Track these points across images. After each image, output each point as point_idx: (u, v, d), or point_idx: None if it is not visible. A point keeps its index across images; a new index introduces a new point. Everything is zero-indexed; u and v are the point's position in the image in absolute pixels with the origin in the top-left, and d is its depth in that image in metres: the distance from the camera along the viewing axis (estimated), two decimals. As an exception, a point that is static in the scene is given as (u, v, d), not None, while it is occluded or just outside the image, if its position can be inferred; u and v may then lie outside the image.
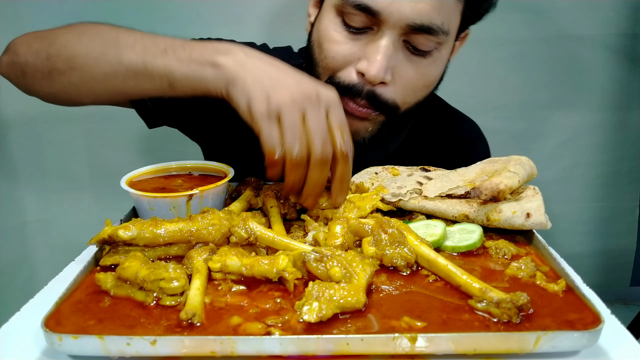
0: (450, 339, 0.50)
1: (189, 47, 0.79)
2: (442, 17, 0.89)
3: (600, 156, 2.02)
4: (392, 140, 1.14)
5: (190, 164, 0.93)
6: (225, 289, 0.61)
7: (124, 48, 0.82)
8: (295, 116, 0.70)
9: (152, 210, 0.77)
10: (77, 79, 0.87)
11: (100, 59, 0.84)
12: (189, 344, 0.50)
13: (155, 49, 0.80)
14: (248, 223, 0.67)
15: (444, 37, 0.91)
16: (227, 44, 0.79)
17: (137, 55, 0.81)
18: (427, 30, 0.88)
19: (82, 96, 0.91)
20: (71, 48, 0.86)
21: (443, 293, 0.60)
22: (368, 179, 0.93)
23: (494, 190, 0.73)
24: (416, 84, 0.95)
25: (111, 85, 0.85)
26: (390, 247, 0.65)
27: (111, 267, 0.65)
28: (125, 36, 0.84)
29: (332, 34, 0.93)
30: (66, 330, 0.52)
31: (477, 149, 1.22)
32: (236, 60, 0.75)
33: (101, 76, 0.84)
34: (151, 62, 0.80)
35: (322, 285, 0.55)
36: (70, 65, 0.86)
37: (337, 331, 0.52)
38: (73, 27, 0.91)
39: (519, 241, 0.74)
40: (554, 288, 0.60)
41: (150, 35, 0.84)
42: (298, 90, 0.71)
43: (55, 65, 0.87)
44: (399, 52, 0.91)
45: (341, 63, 0.93)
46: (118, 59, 0.82)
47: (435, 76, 0.99)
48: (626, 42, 1.85)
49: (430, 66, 0.95)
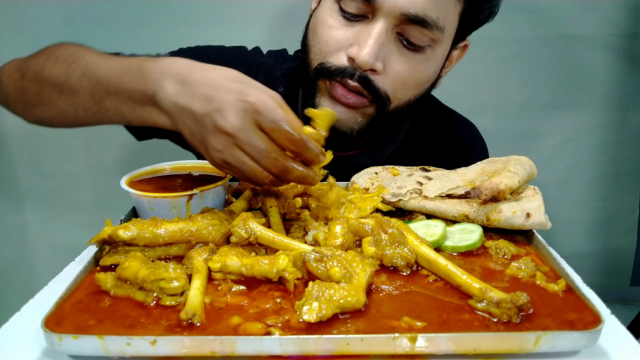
0: (450, 339, 0.50)
1: (123, 83, 0.77)
2: (438, 12, 0.89)
3: (600, 156, 2.02)
4: (386, 144, 1.13)
5: (190, 164, 0.93)
6: (225, 289, 0.61)
7: (75, 87, 0.83)
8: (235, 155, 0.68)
9: (152, 210, 0.77)
10: (48, 112, 0.90)
11: (60, 97, 0.86)
12: (189, 344, 0.50)
13: (99, 89, 0.81)
14: (248, 223, 0.67)
15: (438, 34, 0.91)
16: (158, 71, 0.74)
17: (86, 95, 0.82)
18: (421, 22, 0.88)
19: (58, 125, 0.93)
20: (38, 81, 0.88)
21: (443, 293, 0.60)
22: (368, 178, 0.93)
23: (494, 190, 0.73)
24: (407, 79, 0.95)
25: (77, 120, 0.87)
26: (390, 247, 0.65)
27: (111, 267, 0.65)
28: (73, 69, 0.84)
29: (327, 19, 0.94)
30: (66, 330, 0.52)
31: (474, 150, 1.21)
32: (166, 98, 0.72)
33: (66, 113, 0.87)
34: (102, 103, 0.81)
35: (322, 285, 0.55)
36: (39, 99, 0.89)
37: (337, 331, 0.52)
38: (39, 56, 0.92)
39: (519, 241, 0.74)
40: (554, 288, 0.60)
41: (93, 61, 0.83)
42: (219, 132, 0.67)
43: (28, 98, 0.90)
44: (392, 43, 0.91)
45: (333, 47, 0.93)
46: (74, 99, 0.84)
47: (427, 75, 0.98)
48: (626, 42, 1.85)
49: (423, 63, 0.95)
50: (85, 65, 0.83)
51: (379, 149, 1.12)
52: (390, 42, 0.91)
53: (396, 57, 0.93)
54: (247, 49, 1.18)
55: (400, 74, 0.94)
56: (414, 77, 0.96)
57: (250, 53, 1.17)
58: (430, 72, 0.99)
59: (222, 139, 0.67)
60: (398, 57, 0.93)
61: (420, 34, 0.90)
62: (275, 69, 1.14)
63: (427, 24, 0.89)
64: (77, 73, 0.83)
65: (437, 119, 1.21)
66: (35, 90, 0.89)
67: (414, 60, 0.94)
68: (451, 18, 0.93)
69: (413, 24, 0.89)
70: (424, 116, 1.18)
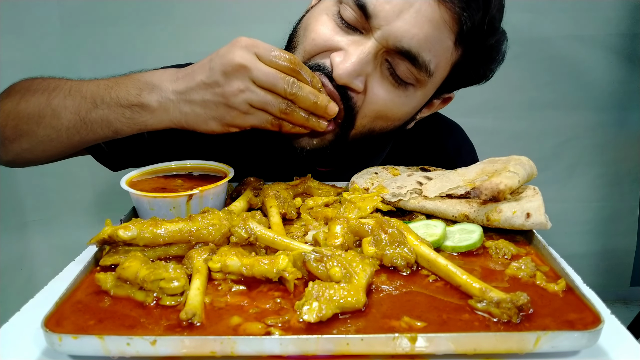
0: (450, 339, 0.50)
1: (114, 92, 0.83)
2: (432, 55, 0.85)
3: (600, 156, 2.02)
4: (372, 159, 1.10)
5: (190, 164, 0.93)
6: (225, 289, 0.61)
7: (57, 108, 0.86)
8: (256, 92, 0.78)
9: (152, 210, 0.77)
10: (27, 144, 0.91)
11: (40, 123, 0.88)
12: (189, 344, 0.50)
13: (85, 103, 0.85)
14: (248, 223, 0.67)
15: (425, 76, 0.88)
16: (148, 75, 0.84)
17: (70, 113, 0.86)
18: (412, 60, 0.85)
19: (37, 157, 0.96)
20: (14, 116, 0.90)
21: (443, 293, 0.60)
22: (368, 178, 0.93)
23: (494, 190, 0.73)
24: (381, 109, 0.91)
25: (59, 142, 0.90)
26: (390, 247, 0.65)
27: (111, 267, 0.65)
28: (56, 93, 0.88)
29: (322, 18, 0.90)
30: (66, 330, 0.52)
31: (462, 155, 1.19)
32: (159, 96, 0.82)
33: (47, 138, 0.89)
34: (87, 117, 0.85)
35: (322, 285, 0.55)
36: (17, 132, 0.90)
37: (337, 331, 0.52)
38: (11, 92, 0.95)
39: (519, 241, 0.74)
40: (554, 288, 0.60)
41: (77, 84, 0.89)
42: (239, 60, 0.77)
43: (4, 134, 0.92)
44: (377, 68, 0.87)
45: (320, 47, 0.89)
46: (57, 120, 0.87)
47: (401, 112, 0.94)
48: (626, 42, 1.85)
49: (401, 98, 0.90)
50: (69, 88, 0.88)
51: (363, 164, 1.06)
52: (376, 65, 0.87)
53: (376, 83, 0.89)
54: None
55: (375, 100, 0.89)
56: (389, 109, 0.92)
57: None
58: (405, 111, 0.95)
59: (239, 75, 0.77)
60: (379, 83, 0.89)
61: (407, 70, 0.87)
62: None
63: (417, 63, 0.85)
64: (60, 97, 0.87)
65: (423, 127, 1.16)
66: (12, 125, 0.91)
67: (393, 93, 0.90)
68: (443, 65, 0.90)
69: (403, 58, 0.85)
70: None
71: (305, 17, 0.97)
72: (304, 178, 0.95)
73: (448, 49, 0.87)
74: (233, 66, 0.76)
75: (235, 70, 0.76)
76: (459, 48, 0.89)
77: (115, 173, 1.12)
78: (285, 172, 0.98)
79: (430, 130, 1.18)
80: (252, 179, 0.93)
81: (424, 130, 1.17)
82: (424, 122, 1.18)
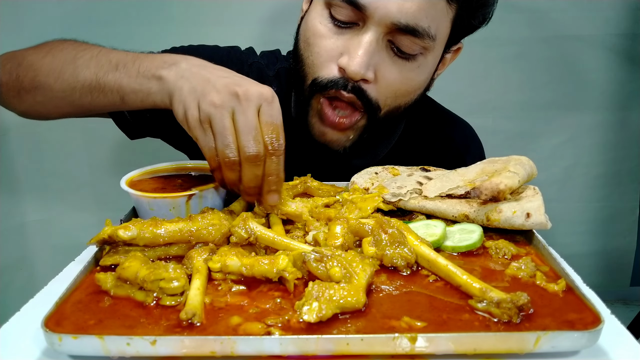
0: (450, 339, 0.50)
1: (138, 61, 0.82)
2: (430, 21, 0.88)
3: (600, 156, 2.02)
4: (381, 146, 1.13)
5: (190, 164, 0.93)
6: (225, 289, 0.61)
7: (80, 66, 0.86)
8: (223, 119, 0.70)
9: (151, 210, 0.77)
10: (41, 96, 0.92)
11: (59, 78, 0.88)
12: (189, 344, 0.50)
13: (108, 66, 0.84)
14: (248, 223, 0.67)
15: (429, 42, 0.90)
16: (175, 55, 0.81)
17: (90, 72, 0.85)
18: (412, 32, 0.87)
19: (49, 112, 0.96)
20: (35, 68, 0.91)
21: (443, 293, 0.60)
22: (368, 178, 0.93)
23: (494, 190, 0.73)
24: (399, 88, 0.95)
25: (71, 101, 0.89)
26: (390, 247, 0.65)
27: (111, 267, 0.65)
28: (83, 53, 0.88)
29: (318, 27, 0.93)
30: (66, 330, 0.52)
31: (471, 151, 1.20)
32: (178, 71, 0.77)
33: (61, 94, 0.89)
34: (103, 78, 0.84)
35: (322, 285, 0.55)
36: (34, 84, 0.91)
37: (337, 331, 0.52)
38: (40, 47, 0.95)
39: (519, 241, 0.74)
40: (554, 288, 0.60)
41: (107, 50, 0.88)
42: (226, 92, 0.71)
43: (22, 84, 0.92)
44: (382, 52, 0.91)
45: (324, 58, 0.93)
46: (74, 77, 0.87)
47: (419, 82, 0.98)
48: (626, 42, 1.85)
49: (414, 71, 0.94)
50: (98, 52, 0.87)
51: (373, 151, 1.12)
52: (381, 50, 0.90)
53: (387, 66, 0.92)
54: (241, 49, 1.18)
55: (391, 82, 0.93)
56: (405, 85, 0.95)
57: (243, 52, 1.17)
58: (422, 79, 0.98)
59: (227, 97, 0.71)
60: (389, 65, 0.92)
61: (411, 42, 0.89)
62: (268, 68, 1.14)
63: (419, 33, 0.88)
64: (87, 57, 0.87)
65: (432, 120, 1.20)
66: (30, 76, 0.91)
67: (406, 68, 0.93)
68: (443, 25, 0.92)
69: (404, 34, 0.88)
70: (420, 117, 1.17)
71: (302, 30, 0.99)
72: (304, 178, 0.95)
73: (443, 10, 0.90)
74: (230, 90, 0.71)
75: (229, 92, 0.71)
76: (452, 5, 0.91)
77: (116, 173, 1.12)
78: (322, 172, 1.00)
79: (440, 124, 1.21)
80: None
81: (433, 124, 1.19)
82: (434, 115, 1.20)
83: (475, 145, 1.23)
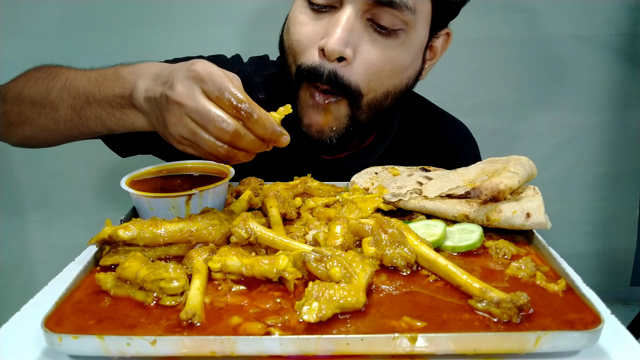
0: (450, 339, 0.50)
1: (102, 89, 0.83)
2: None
3: (600, 156, 2.02)
4: (375, 146, 1.12)
5: (190, 163, 0.93)
6: (225, 289, 0.61)
7: (55, 100, 0.87)
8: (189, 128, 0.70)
9: (151, 210, 0.77)
10: (30, 130, 0.93)
11: (41, 113, 0.89)
12: (189, 344, 0.50)
13: (79, 99, 0.85)
14: (248, 223, 0.67)
15: (409, 15, 0.89)
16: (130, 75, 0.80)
17: (67, 107, 0.87)
18: (389, 4, 0.87)
19: (40, 144, 0.98)
20: (19, 102, 0.92)
21: (443, 293, 0.60)
22: (368, 179, 0.93)
23: (494, 190, 0.73)
24: (381, 68, 0.93)
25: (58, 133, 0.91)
26: (390, 247, 0.65)
27: (111, 267, 0.65)
28: (54, 83, 0.89)
29: (298, 16, 0.93)
30: (66, 330, 0.52)
31: (464, 152, 1.19)
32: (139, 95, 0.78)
33: (47, 127, 0.90)
34: (82, 114, 0.85)
35: (322, 285, 0.55)
36: (21, 119, 0.92)
37: (337, 331, 0.52)
38: (18, 79, 0.97)
39: (519, 241, 0.74)
40: (554, 288, 0.60)
41: (72, 77, 0.89)
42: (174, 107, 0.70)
43: (10, 119, 0.94)
44: (362, 30, 0.90)
45: (305, 45, 0.93)
46: (55, 112, 0.88)
47: (403, 62, 0.95)
48: (626, 42, 1.85)
49: (397, 48, 0.92)
50: (65, 80, 0.88)
51: (367, 151, 1.11)
52: (360, 28, 0.89)
53: (368, 44, 0.91)
54: (226, 57, 1.18)
55: (373, 62, 0.91)
56: (388, 64, 0.93)
57: (228, 61, 1.17)
58: (406, 59, 0.95)
59: (174, 109, 0.70)
60: (370, 43, 0.91)
61: (391, 16, 0.88)
62: (256, 75, 1.13)
63: (396, 4, 0.87)
64: (57, 88, 0.88)
65: (426, 120, 1.19)
66: (17, 111, 0.92)
67: (388, 45, 0.91)
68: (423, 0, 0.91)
69: (382, 6, 0.87)
70: (413, 117, 1.16)
71: (286, 22, 1.00)
72: (304, 178, 0.95)
73: None
74: (170, 100, 0.70)
75: (171, 103, 0.70)
76: None
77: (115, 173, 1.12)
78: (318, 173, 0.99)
79: (434, 125, 1.20)
80: (252, 179, 0.93)
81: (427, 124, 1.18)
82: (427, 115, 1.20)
83: (470, 145, 1.22)
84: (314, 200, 0.87)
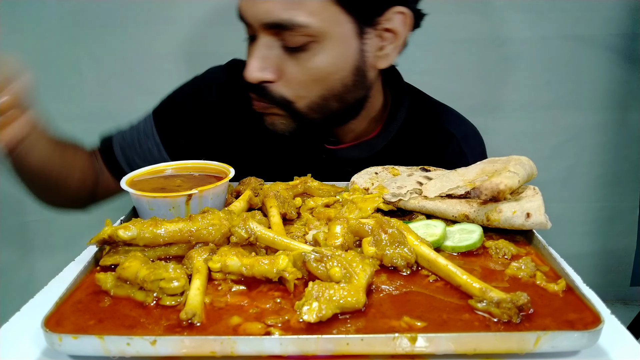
0: (450, 339, 0.50)
1: None
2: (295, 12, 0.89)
3: (600, 156, 2.02)
4: (379, 137, 1.12)
5: (190, 163, 0.93)
6: (225, 289, 0.61)
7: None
8: None
9: (151, 210, 0.77)
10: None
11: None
12: (189, 344, 0.50)
13: None
14: (248, 223, 0.67)
15: (306, 30, 0.90)
16: None
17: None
18: (280, 27, 0.90)
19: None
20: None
21: (443, 293, 0.60)
22: (368, 179, 0.93)
23: (494, 190, 0.73)
24: (303, 79, 0.96)
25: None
26: (390, 247, 0.65)
27: (111, 267, 0.65)
28: None
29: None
30: (66, 330, 0.52)
31: (471, 145, 1.19)
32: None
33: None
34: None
35: (322, 285, 0.55)
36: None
37: (337, 331, 0.52)
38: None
39: (519, 241, 0.74)
40: (554, 288, 0.60)
41: None
42: None
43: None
44: (278, 51, 0.94)
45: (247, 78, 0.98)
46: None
47: (323, 69, 0.96)
48: (626, 42, 1.85)
49: (311, 59, 0.94)
50: None
51: (371, 143, 1.12)
52: (276, 50, 0.94)
53: (286, 62, 0.95)
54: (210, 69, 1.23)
55: (294, 76, 0.96)
56: (311, 75, 0.96)
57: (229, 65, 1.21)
58: (324, 64, 0.95)
59: None
60: (288, 61, 0.95)
61: (291, 36, 0.92)
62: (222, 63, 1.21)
63: (287, 27, 0.90)
64: None
65: (432, 114, 1.20)
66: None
67: (303, 59, 0.94)
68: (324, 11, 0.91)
69: (280, 30, 0.91)
70: (420, 112, 1.17)
71: None
72: (304, 178, 0.95)
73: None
74: None
75: None
76: None
77: (115, 173, 1.12)
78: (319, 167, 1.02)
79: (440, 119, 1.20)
80: (252, 179, 0.93)
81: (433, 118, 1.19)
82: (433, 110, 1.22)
83: (477, 141, 1.22)
84: (314, 200, 0.87)
